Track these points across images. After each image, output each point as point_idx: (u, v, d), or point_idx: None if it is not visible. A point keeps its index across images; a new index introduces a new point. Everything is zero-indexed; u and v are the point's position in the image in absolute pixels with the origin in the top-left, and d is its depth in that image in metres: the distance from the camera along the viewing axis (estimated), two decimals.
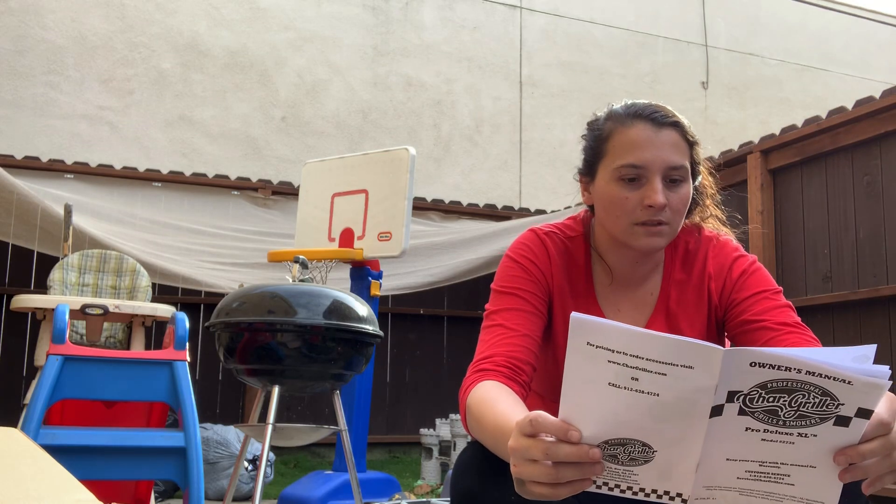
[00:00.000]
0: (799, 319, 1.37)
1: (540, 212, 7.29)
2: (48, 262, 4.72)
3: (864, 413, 0.85)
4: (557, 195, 8.17)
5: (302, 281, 3.00)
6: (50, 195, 5.02)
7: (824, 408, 0.85)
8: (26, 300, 3.29)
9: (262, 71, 7.83)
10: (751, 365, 0.84)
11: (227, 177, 6.58)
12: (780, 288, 1.43)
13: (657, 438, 0.90)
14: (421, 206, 6.68)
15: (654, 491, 0.94)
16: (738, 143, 5.30)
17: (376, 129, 8.13)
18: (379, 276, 4.18)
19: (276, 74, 7.87)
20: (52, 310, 2.93)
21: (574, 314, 0.87)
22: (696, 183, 1.44)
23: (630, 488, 0.95)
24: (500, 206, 7.62)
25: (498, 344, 1.35)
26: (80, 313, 3.15)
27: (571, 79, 9.00)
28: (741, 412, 0.87)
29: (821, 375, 0.83)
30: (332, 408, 2.95)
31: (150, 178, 6.18)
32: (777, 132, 4.91)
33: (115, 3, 7.40)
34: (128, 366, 2.65)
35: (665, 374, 0.86)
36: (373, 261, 4.15)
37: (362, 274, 4.15)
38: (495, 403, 1.18)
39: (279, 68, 7.89)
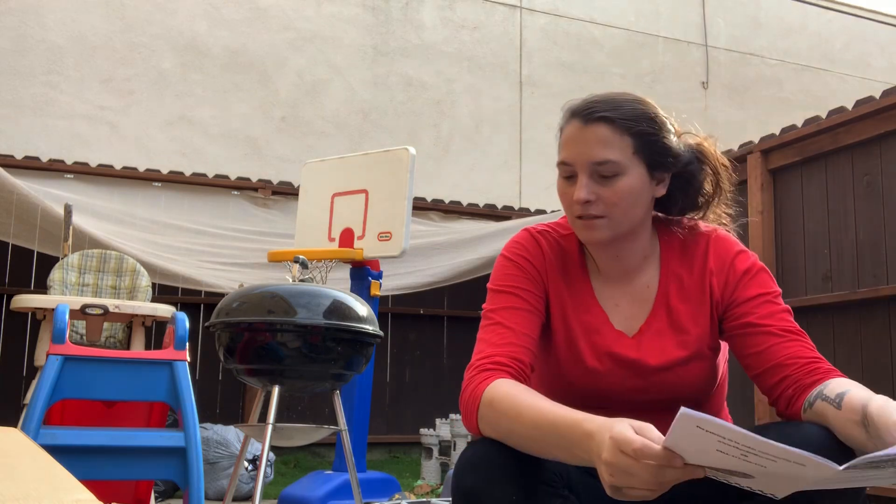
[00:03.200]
0: (798, 325, 1.37)
1: (540, 212, 7.29)
2: (48, 262, 4.72)
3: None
4: (557, 195, 8.16)
5: (302, 281, 2.99)
6: (50, 195, 5.02)
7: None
8: (26, 300, 3.29)
9: (262, 71, 7.83)
10: (869, 464, 0.91)
11: (227, 177, 6.58)
12: (780, 290, 1.43)
13: (760, 476, 0.95)
14: (421, 206, 6.68)
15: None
16: (738, 143, 5.30)
17: (376, 129, 8.13)
18: (379, 276, 4.18)
19: (276, 74, 7.87)
20: (52, 310, 2.93)
21: (684, 410, 0.90)
22: (681, 174, 1.43)
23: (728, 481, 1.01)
24: (500, 206, 7.62)
25: (499, 343, 1.35)
26: (80, 313, 3.15)
27: (571, 79, 9.00)
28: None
29: (774, 457, 0.90)
30: (332, 408, 2.95)
31: (150, 178, 6.18)
32: (777, 132, 4.91)
33: (115, 3, 7.40)
34: (128, 366, 2.65)
35: (775, 461, 0.91)
36: (373, 261, 4.15)
37: (362, 274, 4.15)
38: (536, 399, 1.21)
39: (279, 68, 7.89)
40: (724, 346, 1.49)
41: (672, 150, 1.41)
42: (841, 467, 0.88)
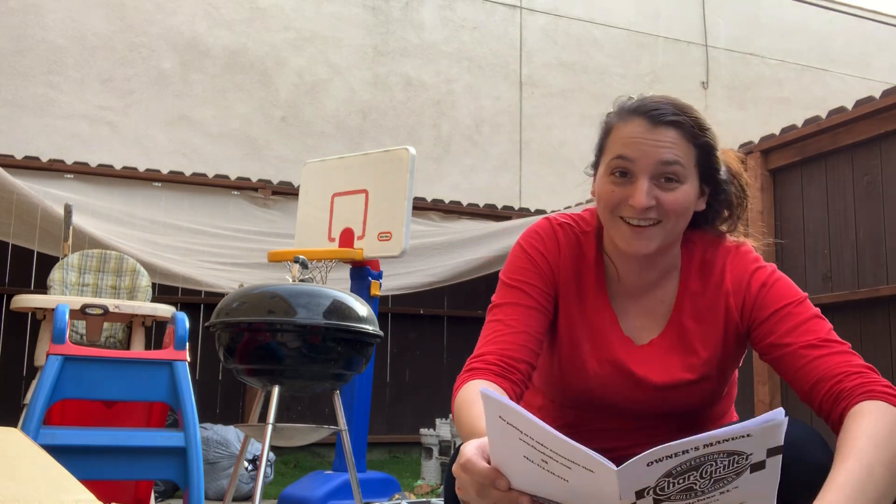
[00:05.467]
0: (828, 328, 1.28)
1: (540, 212, 7.29)
2: (48, 262, 4.72)
3: (776, 450, 0.86)
4: (557, 195, 8.17)
5: (302, 281, 2.99)
6: (50, 195, 5.02)
7: (736, 465, 0.85)
8: (26, 300, 3.29)
9: (262, 71, 7.83)
10: (648, 465, 0.84)
11: (227, 177, 6.58)
12: (804, 295, 1.34)
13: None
14: (421, 206, 6.68)
15: None
16: (739, 143, 5.30)
17: (376, 129, 8.13)
18: (379, 276, 4.17)
19: (276, 74, 7.87)
20: (52, 310, 2.93)
21: (483, 390, 0.89)
22: (717, 189, 1.38)
23: None
24: (500, 206, 7.62)
25: (493, 341, 1.34)
26: (80, 313, 3.15)
27: (571, 79, 9.00)
28: (656, 502, 0.87)
29: (718, 443, 0.83)
30: (332, 408, 2.95)
31: (150, 178, 6.18)
32: (777, 132, 4.91)
33: (115, 3, 7.40)
34: (128, 366, 2.65)
35: (570, 468, 0.87)
36: (373, 261, 4.15)
37: (362, 274, 4.15)
38: (472, 406, 1.19)
39: (279, 68, 7.89)
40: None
41: (720, 165, 1.37)
42: (616, 468, 0.83)
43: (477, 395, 1.15)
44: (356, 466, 3.20)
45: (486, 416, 0.91)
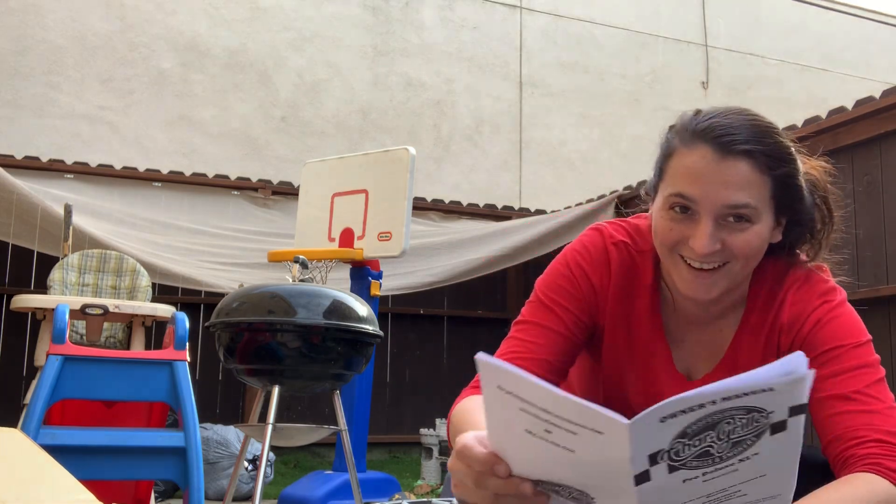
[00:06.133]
0: (874, 380, 1.14)
1: (540, 212, 7.29)
2: (48, 262, 4.72)
3: (799, 409, 0.79)
4: (557, 195, 8.17)
5: (302, 281, 3.00)
6: (50, 195, 5.02)
7: (756, 424, 0.79)
8: (26, 300, 3.29)
9: (262, 71, 7.83)
10: (661, 421, 0.77)
11: (227, 177, 6.58)
12: (866, 338, 1.20)
13: (592, 489, 0.84)
14: (421, 206, 6.68)
15: None
16: None
17: (376, 129, 8.13)
18: (379, 276, 4.17)
19: (276, 74, 7.87)
20: (52, 310, 2.93)
21: (479, 356, 0.81)
22: (798, 218, 1.21)
23: None
24: (500, 206, 7.62)
25: (508, 361, 1.23)
26: (80, 313, 3.15)
27: (571, 79, 9.00)
28: (671, 469, 0.79)
29: (737, 396, 0.76)
30: (332, 408, 2.95)
31: (150, 178, 6.18)
32: None
33: (115, 3, 7.40)
34: (128, 366, 2.65)
35: (576, 434, 0.79)
36: (373, 261, 4.15)
37: (362, 274, 4.15)
38: (473, 413, 1.13)
39: (279, 68, 7.89)
40: None
41: (803, 192, 1.20)
42: (628, 422, 0.75)
43: (480, 405, 1.08)
44: (356, 466, 3.20)
45: (483, 389, 0.83)
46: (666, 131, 1.23)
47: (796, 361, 0.76)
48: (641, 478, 0.80)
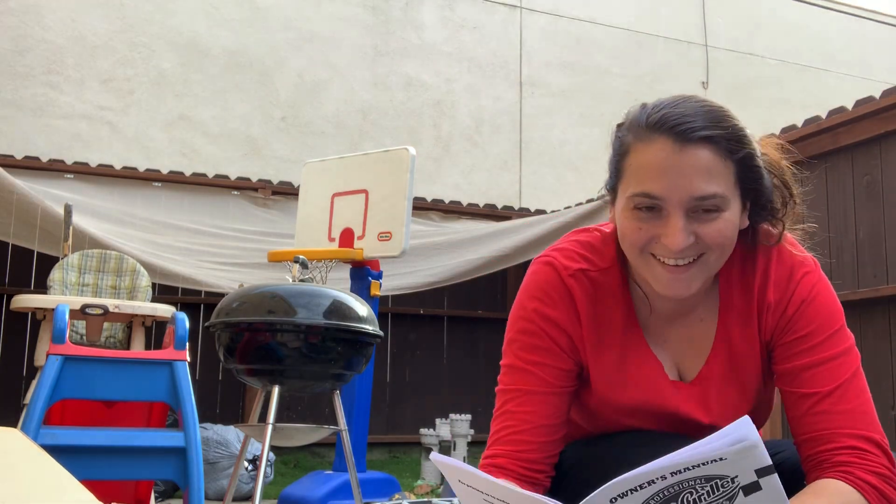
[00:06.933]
0: (850, 371, 1.13)
1: (540, 212, 7.29)
2: (48, 262, 4.72)
3: (766, 470, 0.77)
4: (557, 195, 8.17)
5: (302, 281, 2.99)
6: (50, 195, 5.02)
7: (722, 489, 0.76)
8: (26, 300, 3.29)
9: (262, 71, 7.83)
10: (612, 502, 0.75)
11: (227, 177, 6.58)
12: (842, 321, 1.18)
13: None
14: (421, 206, 6.68)
15: None
16: None
17: (376, 129, 8.13)
18: (379, 276, 4.17)
19: (276, 74, 7.87)
20: (52, 310, 2.93)
21: (433, 456, 0.84)
22: (760, 198, 1.17)
23: None
24: (500, 206, 7.62)
25: (507, 440, 1.19)
26: (80, 313, 3.15)
27: (571, 79, 9.00)
28: None
29: (688, 469, 0.74)
30: (332, 408, 2.95)
31: (150, 178, 6.18)
32: (777, 132, 4.91)
33: (115, 3, 7.40)
34: (128, 366, 2.65)
35: None
36: (373, 261, 4.15)
37: (362, 274, 4.15)
38: None
39: (279, 68, 7.89)
40: None
41: (763, 172, 1.15)
42: None
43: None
44: (356, 466, 3.20)
45: (450, 482, 0.89)
46: (614, 130, 1.18)
47: (744, 430, 0.74)
48: None
